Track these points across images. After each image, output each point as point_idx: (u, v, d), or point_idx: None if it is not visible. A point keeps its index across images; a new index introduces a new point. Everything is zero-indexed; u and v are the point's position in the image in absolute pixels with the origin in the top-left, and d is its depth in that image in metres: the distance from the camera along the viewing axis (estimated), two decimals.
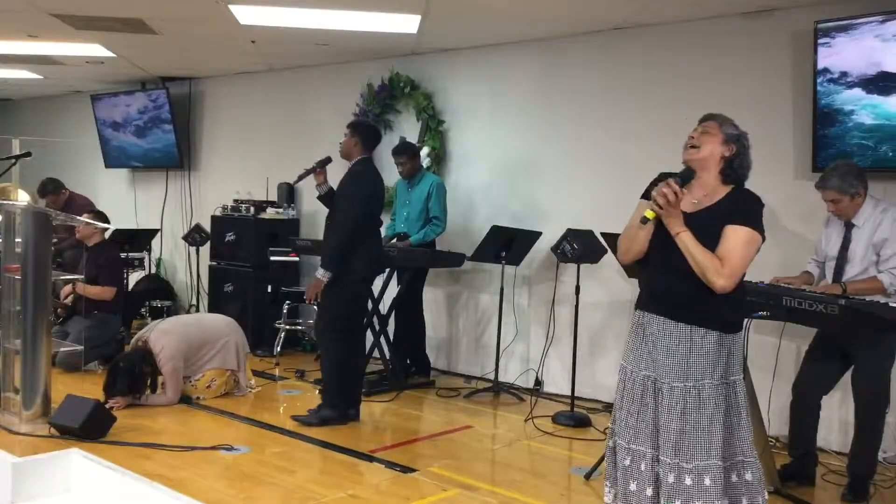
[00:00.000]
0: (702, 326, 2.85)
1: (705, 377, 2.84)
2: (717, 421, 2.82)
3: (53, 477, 2.77)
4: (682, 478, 2.81)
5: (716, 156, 2.89)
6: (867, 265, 3.97)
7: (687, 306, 2.87)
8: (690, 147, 2.92)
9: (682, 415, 2.82)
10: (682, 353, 2.86)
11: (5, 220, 5.04)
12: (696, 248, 2.79)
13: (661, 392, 2.87)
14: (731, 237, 2.81)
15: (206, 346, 5.51)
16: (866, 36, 4.49)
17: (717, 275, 2.78)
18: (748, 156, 2.92)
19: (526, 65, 6.27)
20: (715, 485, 2.78)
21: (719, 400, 2.84)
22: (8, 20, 6.10)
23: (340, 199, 5.00)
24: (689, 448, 2.81)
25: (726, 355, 2.87)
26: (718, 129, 2.91)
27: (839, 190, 3.96)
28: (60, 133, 10.26)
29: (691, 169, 2.90)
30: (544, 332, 5.95)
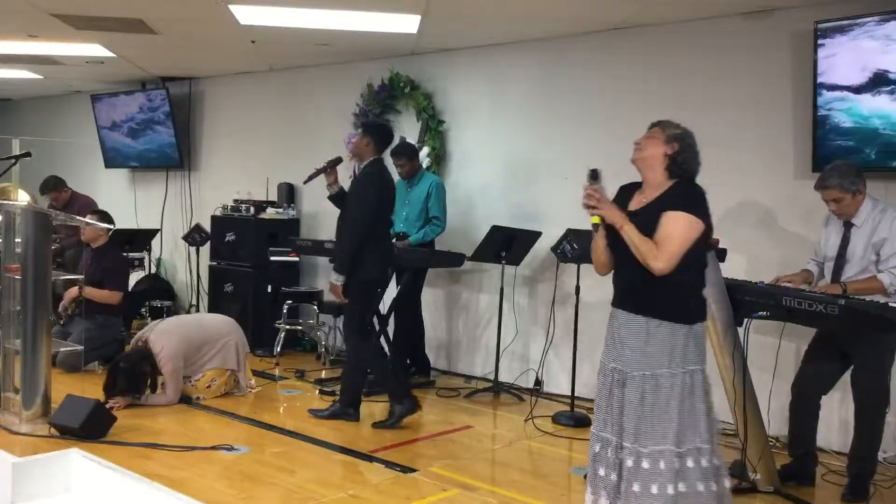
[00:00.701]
0: (656, 317, 3.05)
1: (661, 366, 3.04)
2: (672, 408, 3.01)
3: (53, 477, 2.77)
4: (639, 462, 3.01)
5: (659, 155, 3.12)
6: (866, 265, 3.97)
7: (638, 298, 3.10)
8: (636, 150, 3.18)
9: (640, 402, 3.03)
10: (640, 344, 3.07)
11: (5, 220, 5.04)
12: (636, 237, 3.02)
13: (625, 382, 3.08)
14: (667, 222, 3.02)
15: (206, 346, 5.51)
16: (865, 36, 4.49)
17: (653, 258, 2.99)
18: (692, 152, 3.15)
19: (526, 65, 6.27)
20: (668, 469, 2.98)
21: (675, 388, 3.02)
22: (8, 20, 6.10)
23: (351, 201, 5.00)
24: (645, 433, 3.01)
25: (682, 345, 3.05)
26: (662, 132, 3.16)
27: (841, 188, 3.95)
28: (60, 133, 10.26)
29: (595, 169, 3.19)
30: (544, 332, 5.95)
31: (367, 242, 4.87)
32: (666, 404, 3.01)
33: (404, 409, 5.04)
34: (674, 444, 2.99)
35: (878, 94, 4.48)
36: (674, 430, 2.99)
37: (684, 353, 3.04)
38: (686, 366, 3.04)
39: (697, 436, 3.03)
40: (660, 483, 2.97)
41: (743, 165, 5.15)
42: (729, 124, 5.20)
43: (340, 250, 4.97)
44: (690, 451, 3.02)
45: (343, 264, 4.88)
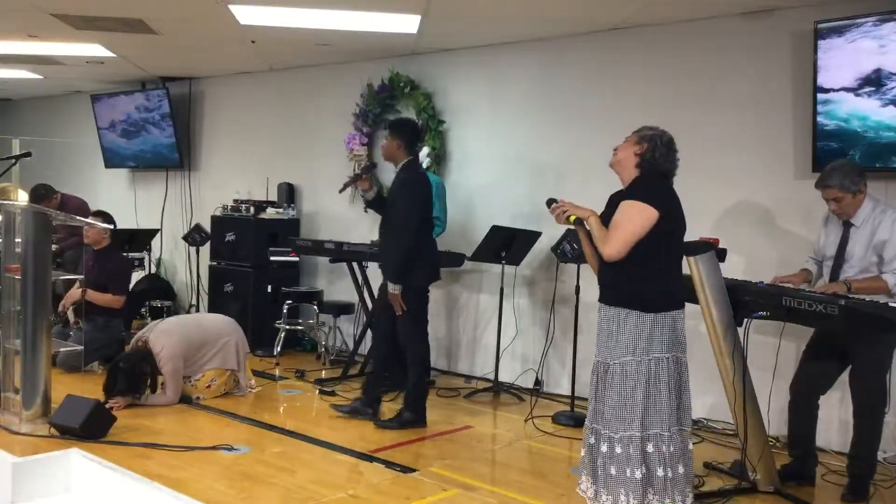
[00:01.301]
0: (623, 307, 3.25)
1: (627, 354, 3.23)
2: (637, 394, 3.20)
3: (53, 477, 2.77)
4: (613, 446, 3.22)
5: (630, 156, 3.35)
6: (866, 265, 3.96)
7: (609, 290, 3.34)
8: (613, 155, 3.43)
9: (610, 388, 3.24)
10: (612, 333, 3.28)
11: (5, 220, 5.04)
12: (595, 227, 3.27)
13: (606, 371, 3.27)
14: (619, 211, 3.26)
15: (205, 345, 5.52)
16: (865, 36, 4.49)
17: (603, 243, 3.22)
18: (664, 150, 3.32)
19: (526, 65, 6.27)
20: (636, 453, 3.19)
21: (640, 375, 3.21)
22: (8, 20, 6.10)
23: (394, 210, 4.91)
24: (616, 419, 3.22)
25: (647, 334, 3.22)
26: (635, 135, 3.39)
27: (841, 188, 3.95)
28: (60, 133, 10.27)
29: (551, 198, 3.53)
30: (544, 332, 5.95)
31: (415, 247, 4.83)
32: (632, 391, 3.20)
33: (414, 419, 5.02)
34: (639, 429, 3.18)
35: (878, 95, 4.48)
36: (639, 415, 3.18)
37: (649, 341, 3.21)
38: (651, 353, 3.21)
39: (659, 422, 3.21)
40: (631, 466, 3.17)
41: (743, 165, 5.15)
42: (729, 124, 5.20)
43: (391, 259, 4.86)
44: (652, 436, 3.20)
45: (398, 273, 4.80)
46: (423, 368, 5.09)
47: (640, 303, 3.23)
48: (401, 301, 4.82)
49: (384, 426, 4.98)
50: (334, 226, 7.51)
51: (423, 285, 5.02)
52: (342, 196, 7.43)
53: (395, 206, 4.91)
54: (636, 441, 3.19)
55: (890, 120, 4.46)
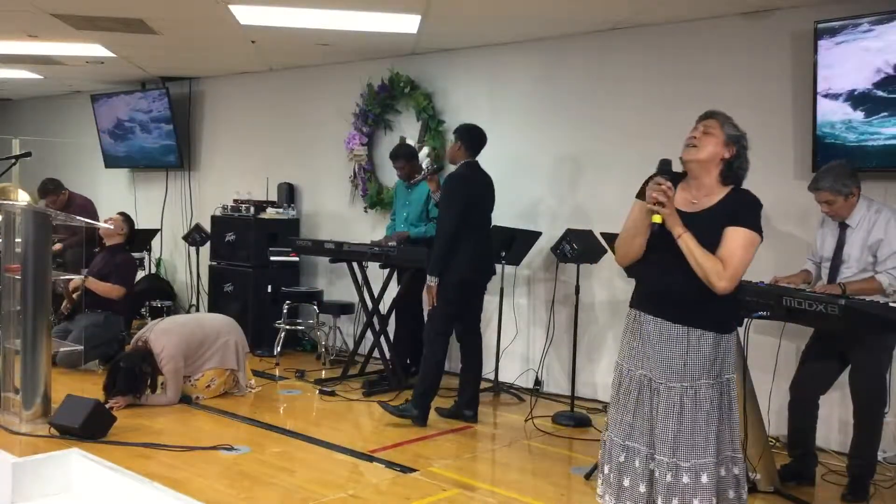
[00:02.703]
0: (698, 328, 2.85)
1: (702, 377, 2.85)
2: (712, 420, 2.85)
3: (53, 477, 2.77)
4: (679, 476, 2.83)
5: (716, 157, 2.86)
6: (863, 266, 3.97)
7: (683, 308, 2.87)
8: (691, 147, 2.88)
9: (679, 414, 2.84)
10: (679, 354, 2.86)
11: (5, 220, 5.04)
12: (698, 251, 2.78)
13: (658, 392, 2.88)
14: (732, 239, 2.80)
15: (205, 345, 5.51)
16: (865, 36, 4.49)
17: (718, 277, 2.77)
18: (747, 157, 2.91)
19: (526, 65, 6.27)
20: (711, 481, 2.83)
21: (714, 399, 2.86)
22: (8, 20, 6.10)
23: (440, 204, 5.13)
24: (686, 447, 2.83)
25: (722, 356, 2.88)
26: (720, 128, 2.89)
27: (832, 191, 3.96)
28: (60, 133, 10.27)
29: (667, 160, 2.90)
30: (544, 332, 5.95)
31: (457, 243, 4.91)
32: (707, 416, 2.85)
33: (416, 415, 5.02)
34: (714, 455, 2.86)
35: (878, 94, 4.48)
36: (714, 441, 2.85)
37: (724, 362, 2.90)
38: (724, 375, 2.90)
39: (730, 444, 2.92)
40: (701, 496, 2.83)
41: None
42: None
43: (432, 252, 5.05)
44: (724, 459, 2.91)
45: (434, 265, 4.92)
46: (437, 368, 5.09)
47: (721, 324, 2.90)
48: (434, 294, 4.89)
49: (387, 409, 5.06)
50: (334, 226, 7.51)
51: (456, 280, 4.98)
52: (342, 196, 7.45)
53: (440, 203, 5.16)
54: (710, 468, 2.84)
55: (890, 119, 4.45)
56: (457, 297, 5.02)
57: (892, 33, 4.40)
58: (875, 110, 4.50)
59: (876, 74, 4.48)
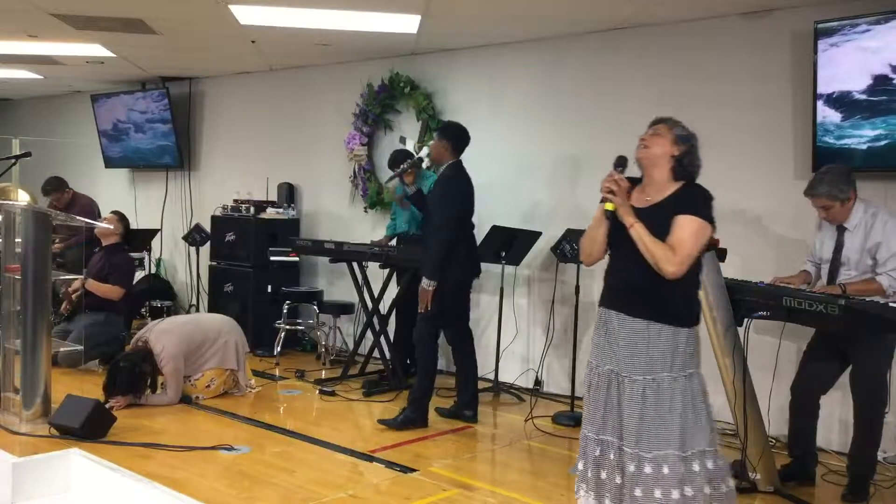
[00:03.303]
0: (657, 321, 3.00)
1: (663, 370, 2.99)
2: (675, 412, 2.97)
3: (53, 477, 2.77)
4: (642, 466, 2.96)
5: (666, 154, 3.07)
6: (863, 269, 3.96)
7: (642, 301, 3.02)
8: (642, 147, 3.11)
9: (641, 406, 2.98)
10: (642, 348, 3.01)
11: (5, 220, 5.04)
12: (648, 238, 2.96)
13: (623, 385, 3.03)
14: (680, 226, 2.97)
15: (205, 345, 5.52)
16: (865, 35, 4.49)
17: (667, 262, 2.93)
18: (697, 155, 3.11)
19: (526, 65, 6.27)
20: (672, 473, 2.94)
21: (676, 392, 2.99)
22: (8, 20, 6.10)
23: (432, 208, 5.01)
24: (648, 438, 2.96)
25: (683, 349, 3.02)
26: (669, 130, 3.10)
27: (829, 196, 3.95)
28: (60, 133, 10.27)
29: (623, 156, 3.13)
30: (544, 332, 5.95)
31: (453, 245, 4.88)
32: (669, 408, 2.97)
33: (415, 418, 5.01)
34: (678, 448, 2.95)
35: (878, 94, 4.48)
36: (677, 434, 2.96)
37: (685, 356, 3.02)
38: (686, 369, 3.02)
39: (702, 439, 3.00)
40: (663, 488, 2.93)
41: (743, 165, 5.15)
42: (729, 124, 5.20)
43: (429, 256, 4.91)
44: (695, 454, 2.98)
45: (434, 270, 4.84)
46: (432, 370, 5.07)
47: (678, 317, 3.02)
48: (430, 298, 4.84)
49: (386, 424, 4.98)
50: (334, 226, 7.51)
51: (453, 282, 4.99)
52: (342, 196, 7.45)
53: (432, 205, 5.02)
54: (671, 459, 2.94)
55: (890, 119, 4.45)
56: (452, 300, 5.02)
57: (892, 33, 4.39)
58: (875, 109, 4.50)
59: (876, 74, 4.47)
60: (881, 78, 4.47)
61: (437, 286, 4.87)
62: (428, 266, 4.90)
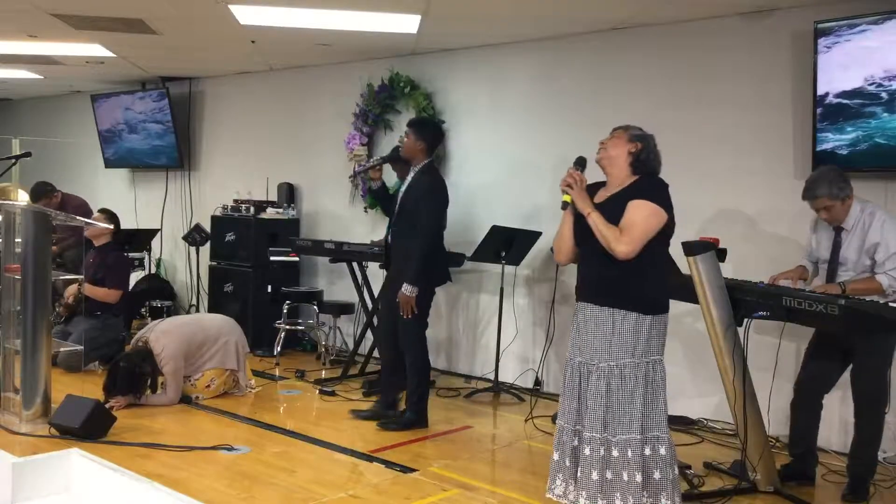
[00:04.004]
0: (622, 308, 3.19)
1: (626, 356, 3.17)
2: (637, 398, 3.15)
3: (53, 477, 2.77)
4: (610, 450, 3.14)
5: (623, 153, 3.31)
6: (861, 269, 3.97)
7: (607, 290, 3.24)
8: (601, 150, 3.37)
9: (607, 392, 3.16)
10: (606, 335, 3.21)
11: (5, 220, 5.04)
12: (601, 223, 3.19)
13: (591, 373, 3.21)
14: (631, 209, 3.18)
15: (205, 345, 5.51)
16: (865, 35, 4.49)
17: (617, 242, 3.14)
18: (655, 151, 3.34)
19: (526, 65, 6.27)
20: (635, 456, 3.13)
21: (639, 378, 3.16)
22: (8, 20, 6.10)
23: (418, 211, 4.86)
24: (614, 423, 3.14)
25: (646, 336, 3.18)
26: (624, 132, 3.36)
27: (830, 196, 3.94)
28: (60, 133, 10.27)
29: (582, 157, 3.44)
30: (544, 332, 5.95)
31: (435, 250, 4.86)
32: (631, 394, 3.15)
33: (416, 420, 5.01)
34: (639, 432, 3.13)
35: (878, 94, 4.48)
36: (639, 419, 3.13)
37: (647, 343, 3.18)
38: (649, 356, 3.18)
39: (657, 425, 3.17)
40: (629, 471, 3.11)
41: (742, 165, 5.15)
42: (729, 124, 5.20)
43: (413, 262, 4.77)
44: (650, 438, 3.16)
45: (419, 276, 4.76)
46: (426, 370, 5.07)
47: (641, 305, 3.19)
48: (414, 303, 4.79)
49: (387, 427, 4.97)
50: (334, 226, 7.51)
51: (437, 285, 5.01)
52: (342, 196, 7.45)
53: (418, 211, 4.85)
54: (634, 444, 3.13)
55: (890, 119, 4.45)
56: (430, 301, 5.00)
57: (892, 33, 4.39)
58: (875, 109, 4.50)
59: (877, 74, 4.48)
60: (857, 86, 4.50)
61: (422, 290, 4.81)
62: (411, 273, 4.77)
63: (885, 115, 4.45)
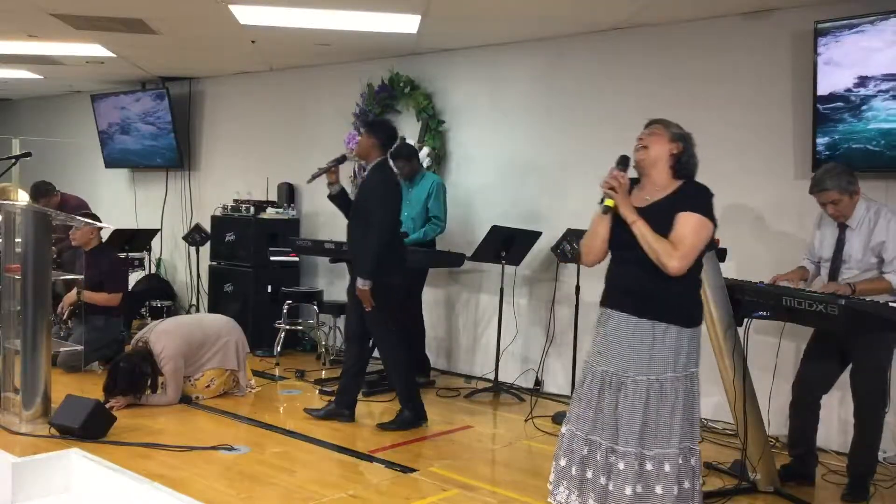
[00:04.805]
0: (662, 321, 3.01)
1: (667, 370, 3.02)
2: (677, 412, 3.01)
3: (53, 477, 2.77)
4: (644, 464, 2.99)
5: (664, 154, 3.11)
6: (865, 267, 3.95)
7: (648, 301, 3.02)
8: (641, 148, 3.13)
9: (645, 407, 3.00)
10: (645, 348, 3.01)
11: (5, 220, 5.04)
12: (650, 234, 2.98)
13: (625, 385, 3.02)
14: (682, 222, 2.99)
15: (205, 345, 5.52)
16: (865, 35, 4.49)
17: (669, 257, 2.95)
18: (694, 152, 3.15)
19: (526, 65, 6.27)
20: (673, 470, 2.99)
21: (679, 391, 3.03)
22: (8, 20, 6.10)
23: (371, 205, 4.87)
24: (651, 437, 3.00)
25: (686, 349, 3.04)
26: (665, 129, 3.14)
27: (839, 189, 3.93)
28: (60, 133, 10.27)
29: (626, 155, 3.15)
30: (544, 332, 5.95)
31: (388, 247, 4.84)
32: (671, 408, 3.00)
33: (413, 417, 5.01)
34: (676, 446, 3.00)
35: (878, 94, 4.48)
36: (678, 432, 3.00)
37: (688, 356, 3.04)
38: (688, 368, 3.05)
39: (692, 437, 3.06)
40: (664, 484, 2.97)
41: (743, 165, 5.15)
42: (729, 124, 5.20)
43: (365, 254, 4.81)
44: (683, 450, 3.05)
45: (372, 269, 4.78)
46: (404, 366, 5.05)
47: (683, 317, 3.04)
48: (370, 297, 4.80)
49: (386, 428, 4.98)
50: (334, 226, 7.50)
51: (394, 282, 4.98)
52: None
53: (370, 206, 4.87)
54: (672, 457, 2.99)
55: (889, 119, 4.45)
56: (392, 298, 5.00)
57: (892, 33, 4.40)
58: (875, 109, 4.50)
59: (877, 74, 4.47)
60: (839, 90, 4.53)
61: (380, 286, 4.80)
62: (365, 268, 4.79)
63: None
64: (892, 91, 4.43)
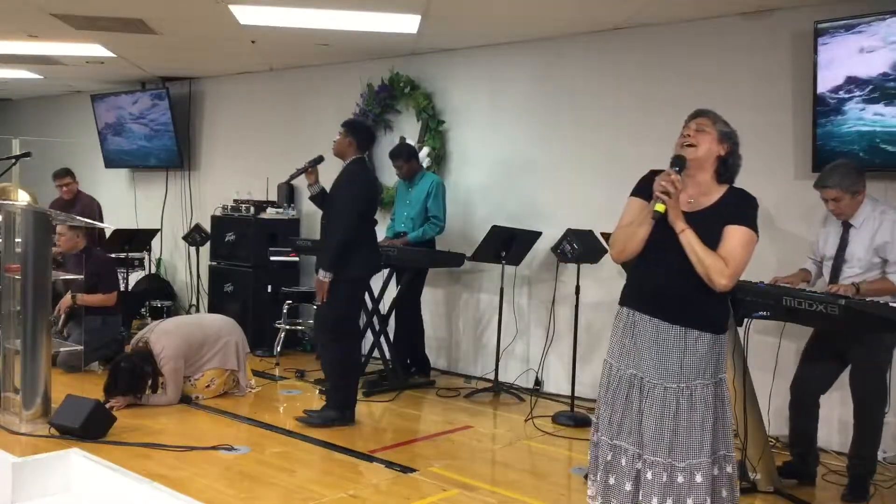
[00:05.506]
0: (695, 328, 2.84)
1: (698, 378, 2.85)
2: (707, 420, 2.84)
3: (53, 477, 2.77)
4: (674, 476, 2.83)
5: (712, 155, 2.93)
6: (868, 267, 3.95)
7: (681, 308, 2.86)
8: (689, 146, 2.91)
9: (675, 415, 2.83)
10: (676, 355, 2.85)
11: (5, 220, 5.04)
12: (700, 247, 2.78)
13: (653, 392, 2.86)
14: (733, 238, 2.82)
15: (206, 345, 5.52)
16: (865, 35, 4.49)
17: (720, 275, 2.77)
18: (740, 154, 3.00)
19: (526, 65, 6.27)
20: (705, 481, 2.82)
21: (709, 399, 2.86)
22: (8, 20, 6.10)
23: (337, 200, 4.97)
24: (681, 447, 2.82)
25: (717, 356, 2.89)
26: (713, 125, 2.95)
27: (841, 188, 3.93)
28: (60, 133, 10.27)
29: (682, 156, 2.89)
30: (544, 332, 5.95)
31: (353, 241, 4.85)
32: (702, 417, 2.85)
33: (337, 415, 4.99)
34: (708, 455, 2.85)
35: (878, 94, 4.48)
36: (709, 441, 2.85)
37: (717, 363, 2.90)
38: (717, 375, 2.91)
39: (724, 443, 2.91)
40: (695, 496, 2.82)
41: (743, 166, 5.13)
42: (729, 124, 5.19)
43: (328, 248, 4.91)
44: (718, 458, 2.90)
45: (332, 261, 4.83)
46: (344, 363, 5.05)
47: (716, 324, 2.89)
48: (326, 290, 4.82)
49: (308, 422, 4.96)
50: None
51: (356, 278, 5.00)
52: None
53: (337, 197, 4.96)
54: (705, 468, 2.83)
55: (890, 119, 4.45)
56: (357, 296, 5.05)
57: (892, 33, 4.39)
58: (875, 109, 4.50)
59: (877, 74, 4.47)
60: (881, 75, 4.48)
61: (335, 279, 4.82)
62: (326, 257, 4.86)
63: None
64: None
